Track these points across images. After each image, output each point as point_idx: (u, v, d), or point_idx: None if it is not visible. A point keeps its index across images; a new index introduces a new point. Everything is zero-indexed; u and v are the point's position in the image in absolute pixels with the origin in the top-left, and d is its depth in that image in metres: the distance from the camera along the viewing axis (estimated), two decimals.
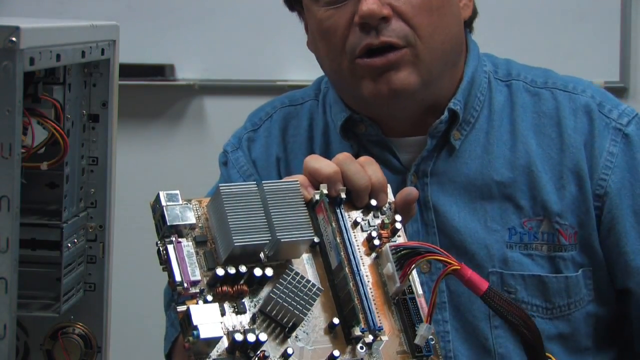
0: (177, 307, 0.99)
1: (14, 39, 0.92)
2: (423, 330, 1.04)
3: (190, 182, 2.42)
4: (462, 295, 1.43)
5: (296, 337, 1.02)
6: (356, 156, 1.15)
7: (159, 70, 2.93)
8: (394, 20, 1.37)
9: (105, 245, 1.22)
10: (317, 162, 1.12)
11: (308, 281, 1.02)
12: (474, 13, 1.50)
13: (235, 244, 1.00)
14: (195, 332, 0.96)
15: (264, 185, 1.04)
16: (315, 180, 1.11)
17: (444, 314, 1.43)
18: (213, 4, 2.93)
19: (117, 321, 1.32)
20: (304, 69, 2.76)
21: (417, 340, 1.04)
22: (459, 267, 1.03)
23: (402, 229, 1.11)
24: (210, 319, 0.97)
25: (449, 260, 1.03)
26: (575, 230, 1.43)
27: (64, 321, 1.20)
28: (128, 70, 2.73)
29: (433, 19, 1.38)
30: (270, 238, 1.02)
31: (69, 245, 1.18)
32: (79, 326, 1.20)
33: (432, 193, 1.44)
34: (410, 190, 1.14)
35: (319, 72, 1.53)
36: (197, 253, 1.02)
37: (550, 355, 1.04)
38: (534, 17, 2.80)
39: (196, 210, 1.04)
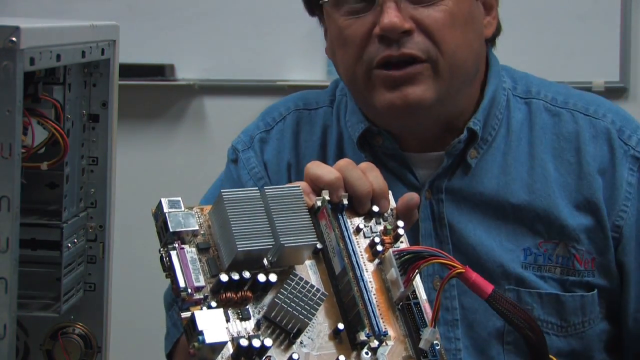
0: (182, 313, 0.99)
1: (14, 39, 0.92)
2: (428, 334, 1.04)
3: (190, 182, 2.43)
4: (477, 312, 1.41)
5: (301, 342, 1.02)
6: None
7: (159, 70, 2.93)
8: (416, 34, 1.34)
9: (105, 245, 1.21)
10: (318, 169, 1.11)
11: (312, 286, 1.01)
12: (498, 30, 1.48)
13: (239, 249, 0.99)
14: (200, 337, 0.96)
15: (266, 190, 1.03)
16: (316, 187, 1.11)
17: (455, 331, 1.42)
18: (213, 4, 2.93)
19: (117, 321, 1.32)
20: (304, 69, 2.76)
21: (421, 345, 1.04)
22: (463, 270, 1.02)
23: (405, 234, 1.11)
24: (215, 324, 0.96)
25: (453, 264, 1.02)
26: (594, 256, 1.41)
27: (64, 321, 1.20)
28: (128, 70, 2.73)
29: (456, 35, 1.36)
30: (273, 243, 1.01)
31: (69, 245, 1.18)
32: (79, 326, 1.20)
33: (447, 210, 1.42)
34: (412, 196, 1.13)
35: (319, 73, 1.53)
36: (200, 260, 1.01)
37: (554, 358, 1.03)
38: (534, 17, 2.80)
39: (198, 217, 1.04)
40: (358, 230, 1.10)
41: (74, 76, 1.17)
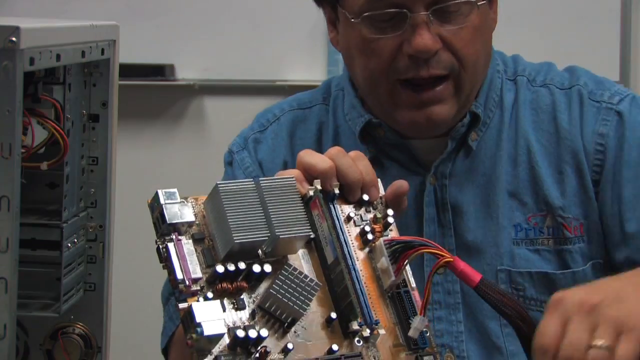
0: (179, 305, 0.99)
1: (14, 39, 0.92)
2: (417, 323, 1.05)
3: (190, 182, 2.43)
4: (474, 295, 1.43)
5: (295, 332, 1.03)
6: (372, 160, 1.15)
7: (159, 70, 2.93)
8: (441, 51, 1.36)
9: (105, 245, 1.22)
10: (312, 157, 1.12)
11: (306, 276, 1.02)
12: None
13: (235, 241, 1.00)
14: (198, 329, 0.96)
15: (260, 182, 1.04)
16: (309, 175, 1.11)
17: (457, 314, 1.43)
18: (213, 4, 2.93)
19: (117, 321, 1.32)
20: (304, 69, 2.77)
21: (410, 333, 1.05)
22: (451, 260, 1.03)
23: (394, 223, 1.12)
24: (212, 316, 0.97)
25: (441, 253, 1.04)
26: (581, 221, 1.43)
27: (64, 321, 1.20)
28: (128, 70, 2.73)
29: (478, 46, 1.38)
30: (269, 235, 1.02)
31: (69, 245, 1.18)
32: (79, 326, 1.20)
33: (451, 194, 1.44)
34: (401, 184, 1.14)
35: (319, 73, 1.53)
36: (195, 250, 1.02)
37: None
38: (534, 17, 2.80)
39: (193, 207, 1.05)
40: (349, 218, 1.11)
41: (74, 76, 1.17)
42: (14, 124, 0.93)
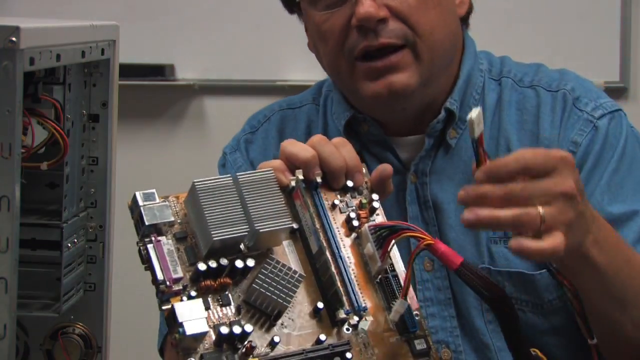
0: (162, 306, 1.00)
1: (14, 39, 0.92)
2: (397, 305, 1.05)
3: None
4: (458, 293, 1.44)
5: (282, 324, 1.03)
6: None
7: (159, 70, 2.93)
8: (391, 20, 1.38)
9: (105, 245, 1.22)
10: (294, 147, 1.12)
11: (289, 269, 1.03)
12: (470, 8, 1.51)
13: (214, 239, 1.00)
14: (180, 330, 0.97)
15: (238, 177, 1.04)
16: (292, 165, 1.12)
17: (449, 310, 1.44)
18: (213, 4, 2.93)
19: (117, 321, 1.32)
20: (304, 69, 2.77)
21: (391, 316, 1.05)
22: (432, 242, 1.03)
23: (380, 207, 1.12)
24: (195, 315, 0.98)
25: (422, 236, 1.03)
26: None
27: (64, 321, 1.20)
28: (128, 70, 2.73)
29: (431, 16, 1.39)
30: (248, 230, 1.02)
31: (69, 245, 1.18)
32: (79, 326, 1.20)
33: (431, 192, 1.45)
34: (385, 167, 1.14)
35: (319, 73, 1.53)
36: (177, 249, 1.03)
37: (538, 352, 1.03)
38: (534, 16, 2.80)
39: (174, 206, 1.05)
40: (333, 206, 1.11)
41: (74, 76, 1.17)
42: (14, 124, 0.94)
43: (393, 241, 1.06)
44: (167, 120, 3.03)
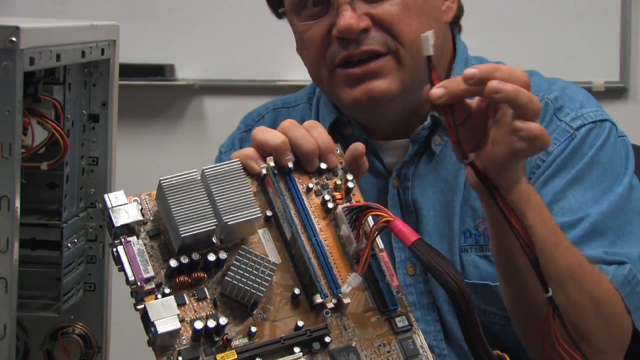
0: (137, 305, 1.00)
1: (14, 39, 0.92)
2: (350, 279, 1.04)
3: None
4: (442, 297, 1.44)
5: (260, 313, 1.03)
6: None
7: (159, 70, 2.93)
8: (373, 30, 1.37)
9: (105, 245, 1.22)
10: (264, 134, 1.12)
11: (262, 258, 1.03)
12: (460, 11, 1.50)
13: (182, 235, 1.00)
14: (153, 329, 0.98)
15: (205, 170, 1.04)
16: (264, 152, 1.11)
17: (432, 314, 1.44)
18: (213, 4, 2.93)
19: (117, 321, 1.32)
20: (303, 69, 2.76)
21: (343, 289, 1.05)
22: (391, 219, 1.03)
23: (356, 187, 1.12)
24: (166, 313, 0.98)
25: (382, 214, 1.04)
26: None
27: (64, 321, 1.20)
28: (128, 70, 2.73)
29: (413, 25, 1.38)
30: (217, 223, 1.02)
31: (69, 245, 1.18)
32: (79, 326, 1.20)
33: (413, 196, 1.45)
34: (356, 146, 1.13)
35: None
36: (152, 247, 1.03)
37: (499, 351, 1.03)
38: (534, 17, 2.80)
39: (147, 204, 1.05)
40: (309, 189, 1.11)
41: (74, 76, 1.17)
42: (14, 124, 0.94)
43: (362, 220, 1.05)
44: (167, 120, 3.03)
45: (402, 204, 1.45)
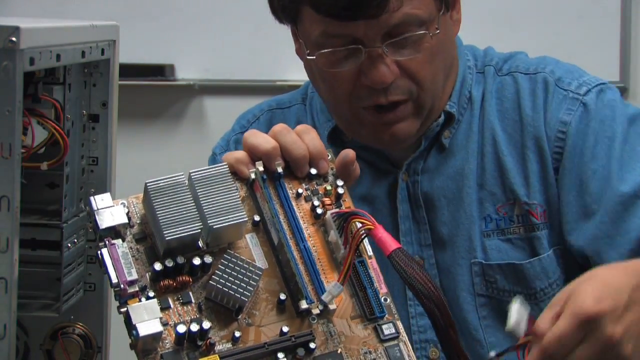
0: (120, 308, 0.99)
1: (14, 39, 0.92)
2: (330, 287, 1.04)
3: None
4: (449, 291, 1.44)
5: (246, 318, 1.03)
6: None
7: (159, 70, 2.93)
8: (399, 78, 1.36)
9: None
10: (255, 138, 1.11)
11: (248, 263, 1.02)
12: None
13: (167, 238, 1.00)
14: (134, 332, 0.97)
15: (192, 174, 1.04)
16: (255, 156, 1.11)
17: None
18: (213, 4, 2.93)
19: (117, 321, 1.32)
20: (303, 69, 2.77)
21: (323, 297, 1.04)
22: (372, 227, 1.02)
23: (346, 192, 1.11)
24: (148, 316, 0.97)
25: (365, 221, 1.03)
26: (544, 208, 1.43)
27: (64, 321, 1.20)
28: (128, 70, 2.72)
29: (435, 65, 1.38)
30: (202, 227, 1.02)
31: (69, 245, 1.18)
32: (79, 326, 1.20)
33: (422, 189, 1.45)
34: (347, 153, 1.13)
35: None
36: (137, 250, 1.02)
37: None
38: (534, 16, 2.80)
39: (134, 207, 1.05)
40: (298, 195, 1.10)
41: (74, 76, 1.17)
42: (14, 124, 0.94)
43: (347, 227, 1.04)
44: (167, 120, 3.03)
45: (411, 198, 1.45)
